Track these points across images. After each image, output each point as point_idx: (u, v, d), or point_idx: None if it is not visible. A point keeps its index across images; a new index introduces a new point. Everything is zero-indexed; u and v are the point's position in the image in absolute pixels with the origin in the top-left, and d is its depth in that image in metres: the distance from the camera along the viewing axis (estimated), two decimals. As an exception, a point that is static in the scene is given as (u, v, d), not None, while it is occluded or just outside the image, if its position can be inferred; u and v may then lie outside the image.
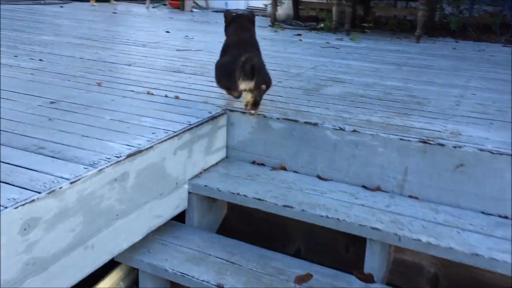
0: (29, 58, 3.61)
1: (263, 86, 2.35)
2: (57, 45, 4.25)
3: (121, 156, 1.91)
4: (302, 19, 6.92)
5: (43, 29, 5.21)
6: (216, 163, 2.54)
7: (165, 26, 6.03)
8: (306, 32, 5.98)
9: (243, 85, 2.31)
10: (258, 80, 2.31)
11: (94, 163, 1.82)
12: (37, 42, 4.36)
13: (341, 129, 2.35)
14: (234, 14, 2.66)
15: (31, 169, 1.75)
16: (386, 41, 5.46)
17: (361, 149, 2.32)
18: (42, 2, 8.06)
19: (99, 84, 2.96)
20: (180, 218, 2.37)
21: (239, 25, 2.59)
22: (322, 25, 6.28)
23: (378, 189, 2.31)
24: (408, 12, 6.53)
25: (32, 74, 3.15)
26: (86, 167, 1.79)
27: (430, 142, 2.20)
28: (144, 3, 8.58)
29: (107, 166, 1.82)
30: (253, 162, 2.57)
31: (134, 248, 2.07)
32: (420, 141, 2.21)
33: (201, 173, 2.42)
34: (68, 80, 3.03)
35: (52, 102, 2.56)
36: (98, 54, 3.93)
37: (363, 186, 2.34)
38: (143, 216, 2.06)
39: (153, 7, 8.40)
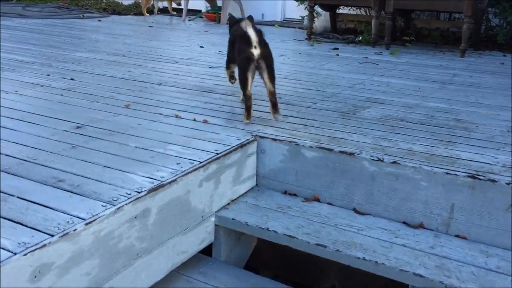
0: (61, 77, 3.58)
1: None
2: (90, 63, 4.22)
3: (142, 192, 1.79)
4: (339, 31, 6.72)
5: (78, 45, 5.22)
6: (245, 193, 2.40)
7: (200, 40, 5.98)
8: (343, 46, 5.79)
9: (255, 51, 2.59)
10: (264, 49, 2.61)
11: (113, 200, 1.71)
12: (71, 59, 4.35)
13: (379, 159, 2.17)
14: (237, 18, 3.18)
15: (47, 207, 1.65)
16: (428, 55, 5.21)
17: (402, 183, 2.13)
18: (81, 16, 8.18)
19: (127, 107, 2.88)
20: (207, 249, 2.23)
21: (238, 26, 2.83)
22: (360, 38, 6.08)
23: (421, 226, 2.11)
24: (452, 24, 6.24)
25: (61, 95, 3.10)
26: (104, 204, 1.68)
27: (479, 177, 1.99)
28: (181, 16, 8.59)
29: (126, 204, 1.70)
30: (285, 192, 2.42)
31: (157, 285, 1.95)
32: (468, 176, 2.01)
33: (228, 204, 2.29)
34: (97, 102, 2.97)
35: (78, 127, 2.48)
36: (129, 72, 3.88)
37: (404, 223, 2.15)
38: (166, 253, 1.93)
39: (189, 20, 8.39)
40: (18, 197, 1.72)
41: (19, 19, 7.34)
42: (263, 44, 2.63)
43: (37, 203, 1.68)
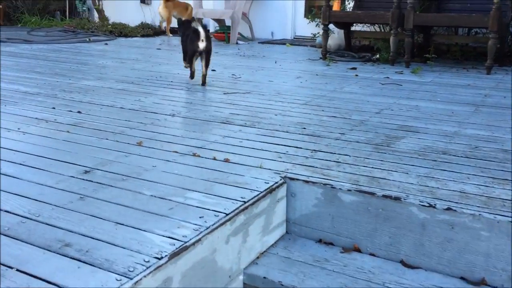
0: (67, 110, 3.35)
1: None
2: (98, 92, 4.00)
3: (162, 258, 1.53)
4: (354, 49, 6.49)
5: (85, 72, 5.01)
6: (275, 243, 2.13)
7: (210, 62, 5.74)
8: (361, 65, 5.54)
9: (201, 45, 4.01)
10: (208, 44, 4.07)
11: (129, 271, 1.45)
12: (78, 88, 4.13)
13: (431, 205, 1.90)
14: (184, 20, 4.63)
15: (51, 283, 1.39)
16: (451, 73, 4.95)
17: (458, 232, 1.85)
18: (87, 40, 8.01)
19: (139, 144, 2.63)
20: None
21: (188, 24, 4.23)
22: (377, 56, 5.84)
23: (483, 283, 1.83)
24: (473, 39, 5.98)
25: (68, 131, 2.86)
26: (119, 278, 1.42)
27: (553, 227, 1.71)
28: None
29: (145, 276, 1.44)
30: (319, 241, 2.14)
31: None
32: (539, 226, 1.73)
33: (258, 257, 2.02)
34: (106, 139, 2.72)
35: (86, 172, 2.23)
36: (140, 102, 3.64)
37: (462, 278, 1.86)
38: (189, 324, 1.66)
39: (197, 41, 8.18)
40: (17, 270, 1.46)
41: (24, 45, 7.17)
42: (208, 38, 3.93)
43: (40, 278, 1.42)
